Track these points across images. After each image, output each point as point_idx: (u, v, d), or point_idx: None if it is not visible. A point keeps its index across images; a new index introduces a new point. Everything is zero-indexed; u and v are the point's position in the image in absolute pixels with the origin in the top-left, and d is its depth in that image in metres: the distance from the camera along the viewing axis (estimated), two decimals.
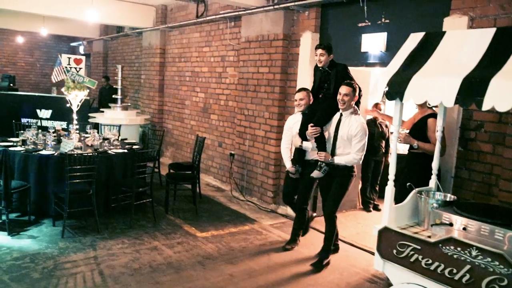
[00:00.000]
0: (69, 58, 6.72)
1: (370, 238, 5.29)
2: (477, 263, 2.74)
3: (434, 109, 4.56)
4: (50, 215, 5.59)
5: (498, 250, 2.69)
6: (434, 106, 4.43)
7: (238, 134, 7.47)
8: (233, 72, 7.85)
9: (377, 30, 5.42)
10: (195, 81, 9.04)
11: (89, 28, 13.61)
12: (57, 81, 6.87)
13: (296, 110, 5.16)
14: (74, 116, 6.63)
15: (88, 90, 6.72)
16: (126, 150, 6.30)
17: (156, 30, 10.27)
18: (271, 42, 6.70)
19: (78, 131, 6.67)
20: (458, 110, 4.41)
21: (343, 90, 4.50)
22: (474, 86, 2.82)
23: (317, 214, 5.80)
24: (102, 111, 10.00)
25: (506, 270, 2.61)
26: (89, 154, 5.45)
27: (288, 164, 5.08)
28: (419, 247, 3.10)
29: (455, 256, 2.86)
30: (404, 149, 5.27)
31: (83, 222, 5.64)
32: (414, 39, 3.54)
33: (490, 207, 3.64)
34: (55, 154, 5.70)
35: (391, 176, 3.52)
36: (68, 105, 6.62)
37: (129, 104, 10.79)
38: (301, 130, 4.89)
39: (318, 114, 4.76)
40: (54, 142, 6.20)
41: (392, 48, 5.15)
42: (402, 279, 3.25)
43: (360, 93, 4.67)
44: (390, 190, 3.50)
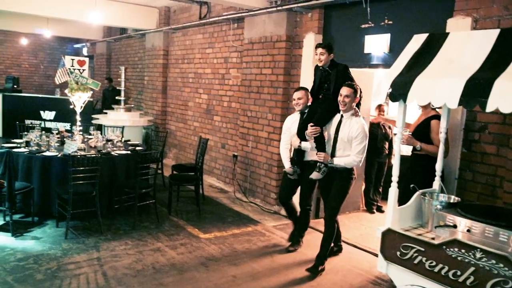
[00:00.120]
0: (72, 59, 6.75)
1: (373, 239, 5.28)
2: (481, 265, 2.73)
3: (438, 110, 4.54)
4: (54, 216, 5.60)
5: (503, 252, 2.68)
6: (438, 108, 4.42)
7: (241, 136, 7.47)
8: (236, 73, 7.86)
9: (380, 31, 5.41)
10: (198, 82, 9.05)
11: (92, 29, 13.67)
12: (60, 82, 6.89)
13: (296, 109, 5.10)
14: (78, 117, 6.65)
15: (91, 92, 6.74)
16: (129, 152, 6.31)
17: (159, 32, 10.29)
18: (274, 44, 6.70)
19: (81, 133, 6.68)
20: (462, 112, 4.40)
21: (344, 91, 4.42)
22: (478, 88, 2.81)
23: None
24: (106, 113, 10.02)
25: (510, 272, 2.59)
26: (92, 155, 5.46)
27: (286, 164, 5.03)
28: (423, 249, 3.09)
29: (459, 258, 2.85)
30: (407, 150, 5.25)
31: (87, 223, 5.65)
32: (418, 40, 3.53)
33: (495, 209, 3.63)
34: (59, 156, 5.71)
35: (395, 177, 3.51)
36: (71, 106, 6.64)
37: (132, 105, 10.82)
38: (300, 130, 4.82)
39: (318, 114, 4.67)
40: (57, 144, 6.22)
41: (395, 49, 5.14)
42: (405, 281, 3.24)
43: (360, 94, 4.59)
44: (393, 191, 3.49)
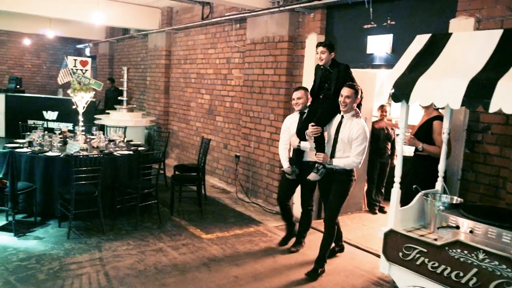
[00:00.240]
0: (75, 60, 6.75)
1: (375, 240, 5.27)
2: (484, 267, 2.72)
3: (441, 111, 4.53)
4: (56, 216, 5.61)
5: (506, 253, 2.67)
6: (440, 108, 4.41)
7: (244, 136, 7.46)
8: (238, 74, 7.85)
9: (382, 31, 5.40)
10: (201, 83, 9.05)
11: (95, 30, 13.69)
12: (63, 83, 6.90)
13: (295, 109, 5.05)
14: (80, 117, 6.66)
15: (94, 92, 6.75)
16: (131, 152, 6.32)
17: (161, 32, 10.30)
18: (277, 44, 6.70)
19: (84, 133, 6.70)
20: (465, 112, 4.39)
21: (345, 92, 4.35)
22: (481, 88, 2.80)
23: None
24: (108, 113, 10.04)
25: None
26: (94, 155, 5.47)
27: (285, 164, 4.99)
28: (425, 250, 3.08)
29: (462, 259, 2.84)
30: (410, 151, 5.24)
31: (89, 224, 5.66)
32: (420, 41, 3.53)
33: (497, 210, 3.61)
34: (61, 156, 5.72)
35: (397, 178, 3.50)
36: (74, 106, 6.65)
37: (134, 106, 10.84)
38: (300, 130, 4.76)
39: (319, 114, 4.60)
40: (60, 144, 6.22)
41: (398, 50, 5.13)
42: (408, 282, 3.24)
43: (361, 95, 4.53)
44: (396, 192, 3.48)
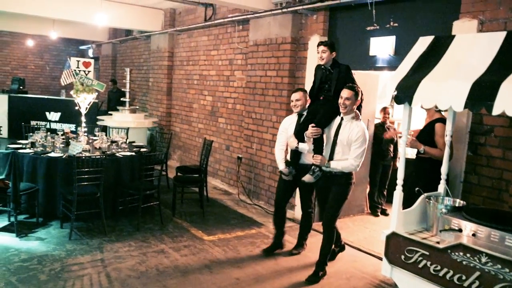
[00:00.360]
0: (78, 61, 6.77)
1: (377, 243, 5.25)
2: (486, 270, 2.71)
3: (443, 113, 4.52)
4: (58, 217, 5.61)
5: (509, 257, 2.66)
6: (443, 111, 4.40)
7: (246, 138, 7.46)
8: (241, 75, 7.86)
9: (385, 33, 5.39)
10: (203, 84, 9.06)
11: (98, 31, 13.72)
12: (66, 84, 6.92)
13: (294, 111, 4.98)
14: (83, 118, 6.68)
15: (96, 93, 6.76)
16: (133, 153, 6.32)
17: (164, 34, 10.31)
18: (279, 46, 6.70)
19: (86, 134, 6.71)
20: (468, 115, 4.37)
21: (345, 93, 4.27)
22: (484, 91, 2.79)
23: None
24: (110, 114, 10.05)
25: None
26: (97, 156, 5.48)
27: (281, 165, 4.90)
28: (428, 253, 3.07)
29: (464, 262, 2.83)
30: (412, 153, 5.24)
31: (91, 225, 5.66)
32: (423, 43, 3.52)
33: (500, 213, 3.60)
34: (64, 157, 5.72)
35: (400, 181, 3.50)
36: (76, 107, 6.66)
37: (137, 107, 10.85)
38: (299, 131, 4.68)
39: (320, 115, 4.52)
40: (62, 145, 6.24)
41: (400, 51, 5.12)
42: (410, 285, 3.23)
43: (362, 97, 4.45)
44: (398, 195, 3.47)
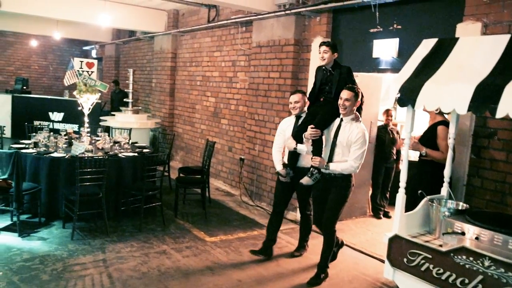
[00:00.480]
0: (81, 61, 6.78)
1: (380, 245, 5.24)
2: (489, 274, 2.70)
3: (446, 116, 4.51)
4: (60, 217, 5.62)
5: None
6: (446, 113, 4.39)
7: (248, 139, 7.46)
8: (243, 77, 7.86)
9: (389, 35, 5.38)
10: (206, 85, 9.06)
11: (101, 32, 13.76)
12: (69, 84, 6.92)
13: (292, 113, 4.93)
14: (86, 119, 6.68)
15: (99, 94, 6.77)
16: (136, 154, 6.32)
17: (167, 35, 10.33)
18: (282, 47, 6.70)
19: (89, 134, 6.71)
20: (471, 118, 4.36)
21: (345, 94, 4.21)
22: (487, 93, 2.79)
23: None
24: (113, 115, 10.07)
25: None
26: (99, 157, 5.48)
27: (278, 166, 4.87)
28: (430, 256, 3.06)
29: (467, 266, 2.82)
30: (415, 156, 5.22)
31: (93, 225, 5.66)
32: (427, 45, 3.52)
33: (504, 217, 3.58)
34: (66, 157, 5.73)
35: (402, 183, 3.49)
36: (79, 108, 6.67)
37: (140, 107, 10.87)
38: (298, 132, 4.60)
39: (319, 116, 4.44)
40: (65, 145, 6.25)
41: (404, 54, 5.11)
42: None
43: (362, 99, 4.40)
44: (401, 197, 3.46)
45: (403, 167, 3.53)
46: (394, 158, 6.91)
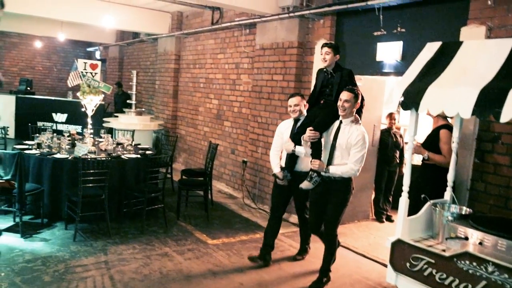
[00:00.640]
0: (85, 63, 6.80)
1: (382, 249, 5.21)
2: (493, 279, 2.67)
3: (449, 120, 4.49)
4: (63, 219, 5.62)
5: None
6: (449, 117, 4.37)
7: (251, 142, 7.46)
8: (247, 79, 7.86)
9: (392, 39, 5.37)
10: (209, 87, 9.07)
11: (105, 33, 13.81)
12: (73, 85, 6.95)
13: (292, 116, 4.82)
14: (89, 120, 6.70)
15: (103, 95, 6.78)
16: (139, 155, 6.32)
17: (171, 37, 10.35)
18: (286, 50, 6.69)
19: (92, 135, 6.73)
20: (475, 122, 4.34)
21: (344, 96, 4.14)
22: (492, 97, 2.77)
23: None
24: (116, 116, 10.09)
25: None
26: (102, 158, 5.49)
27: (276, 169, 4.80)
28: (433, 261, 3.04)
29: (471, 271, 2.80)
30: (418, 160, 5.20)
31: (95, 226, 5.66)
32: (431, 49, 3.50)
33: (508, 222, 3.56)
34: (69, 158, 5.74)
35: (405, 187, 3.47)
36: (83, 109, 6.69)
37: (143, 109, 10.88)
38: (296, 135, 4.53)
39: (319, 118, 4.38)
40: (68, 146, 6.26)
41: (407, 57, 5.10)
42: None
43: (362, 102, 4.33)
44: (404, 201, 3.45)
45: (407, 171, 3.51)
46: (397, 161, 6.88)
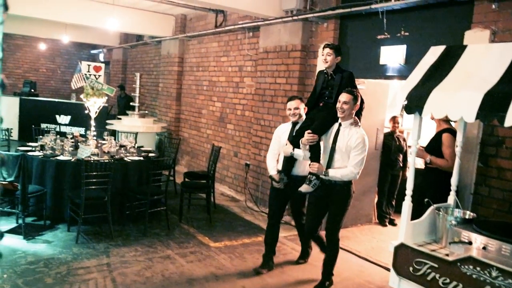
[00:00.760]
0: (89, 65, 6.82)
1: (385, 253, 5.20)
2: (497, 285, 2.66)
3: (453, 124, 4.48)
4: (65, 220, 5.63)
5: None
6: (452, 121, 4.36)
7: (254, 145, 7.45)
8: (250, 82, 7.86)
9: (396, 42, 5.36)
10: (212, 90, 9.08)
11: (109, 36, 13.86)
12: (76, 87, 6.97)
13: (291, 119, 4.80)
14: (92, 122, 6.71)
15: (106, 97, 6.80)
16: (142, 158, 6.33)
17: (175, 39, 10.37)
18: (289, 53, 6.70)
19: (95, 138, 6.74)
20: (479, 126, 4.32)
21: (343, 97, 4.08)
22: (496, 102, 2.76)
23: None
24: (120, 118, 10.11)
25: None
26: (105, 160, 5.49)
27: (273, 171, 4.67)
28: (437, 265, 3.02)
29: (474, 276, 2.78)
30: (421, 163, 5.18)
31: (98, 229, 5.67)
32: (435, 53, 3.49)
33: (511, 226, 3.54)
34: (72, 160, 5.75)
35: (409, 191, 3.45)
36: (86, 111, 6.70)
37: (146, 112, 10.90)
38: (295, 137, 4.44)
39: (317, 121, 4.31)
40: (71, 148, 6.27)
41: (411, 61, 5.09)
42: None
43: (362, 105, 4.27)
44: (407, 205, 3.43)
45: (410, 175, 3.50)
46: (401, 165, 6.86)
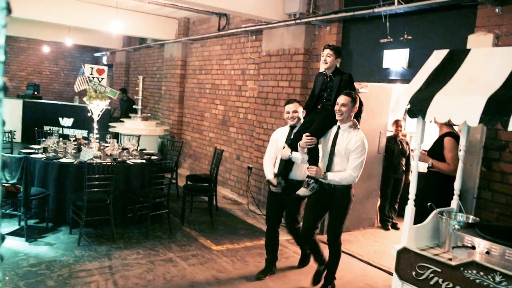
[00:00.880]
0: (92, 68, 6.84)
1: (388, 257, 5.18)
2: None
3: (456, 128, 4.47)
4: (68, 223, 5.63)
5: None
6: (454, 125, 4.34)
7: (257, 148, 7.45)
8: (253, 85, 7.87)
9: (399, 46, 5.36)
10: (215, 93, 9.09)
11: (112, 39, 13.90)
12: (79, 90, 6.98)
13: (289, 123, 4.69)
14: (95, 125, 6.72)
15: (109, 100, 6.81)
16: (144, 161, 6.33)
17: (178, 42, 10.40)
18: (292, 57, 6.70)
19: (98, 140, 6.75)
20: (482, 130, 4.31)
21: (341, 99, 4.04)
22: (499, 106, 2.75)
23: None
24: (122, 121, 10.13)
25: None
26: (108, 163, 5.49)
27: (270, 175, 4.60)
28: (440, 270, 3.00)
29: (478, 281, 2.76)
30: (424, 167, 5.17)
31: (100, 231, 5.67)
32: (438, 56, 3.48)
33: None
34: (75, 163, 5.76)
35: (411, 195, 3.44)
36: (89, 114, 6.71)
37: (149, 114, 10.92)
38: (293, 140, 4.39)
39: (316, 124, 4.25)
40: (74, 151, 6.28)
41: (414, 65, 5.08)
42: None
43: (361, 107, 4.23)
44: (410, 209, 3.41)
45: (413, 179, 3.49)
46: (403, 169, 6.85)
